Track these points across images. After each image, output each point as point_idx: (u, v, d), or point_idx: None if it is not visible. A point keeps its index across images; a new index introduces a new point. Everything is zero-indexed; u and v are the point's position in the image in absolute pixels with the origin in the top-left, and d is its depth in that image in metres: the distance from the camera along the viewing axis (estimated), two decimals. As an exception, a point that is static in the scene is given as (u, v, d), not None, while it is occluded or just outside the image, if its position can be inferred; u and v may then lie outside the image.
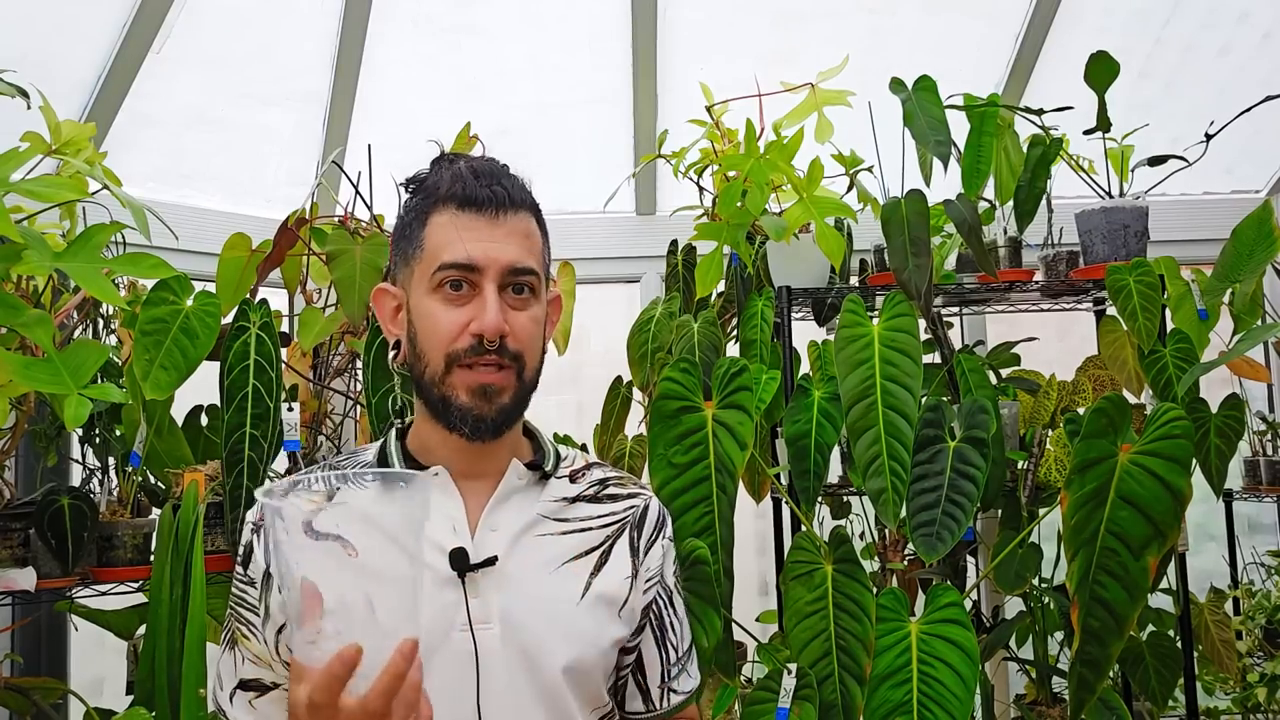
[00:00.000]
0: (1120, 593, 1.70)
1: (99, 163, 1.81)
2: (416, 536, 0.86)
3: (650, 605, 1.16)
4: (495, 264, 1.05)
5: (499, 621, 1.04)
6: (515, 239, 1.07)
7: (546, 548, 1.10)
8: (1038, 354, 2.58)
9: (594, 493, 1.17)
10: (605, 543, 1.14)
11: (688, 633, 1.22)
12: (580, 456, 1.21)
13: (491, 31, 3.03)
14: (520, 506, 1.11)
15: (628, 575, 1.13)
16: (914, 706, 1.73)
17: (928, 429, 1.92)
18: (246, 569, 1.07)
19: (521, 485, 1.12)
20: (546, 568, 1.09)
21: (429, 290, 1.06)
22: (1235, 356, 1.60)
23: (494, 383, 1.05)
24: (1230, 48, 3.16)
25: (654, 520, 1.19)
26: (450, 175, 1.08)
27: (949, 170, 2.08)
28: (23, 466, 2.27)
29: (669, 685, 1.19)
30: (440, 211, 1.07)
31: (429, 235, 1.07)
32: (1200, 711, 2.28)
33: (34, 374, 1.39)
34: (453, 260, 1.04)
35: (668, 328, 2.44)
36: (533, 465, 1.14)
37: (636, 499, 1.19)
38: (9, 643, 2.22)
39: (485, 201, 1.06)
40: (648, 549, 1.17)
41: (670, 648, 1.19)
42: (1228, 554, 2.78)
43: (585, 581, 1.10)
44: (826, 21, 3.11)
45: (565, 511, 1.13)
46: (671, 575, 1.20)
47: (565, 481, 1.16)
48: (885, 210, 2.09)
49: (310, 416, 2.16)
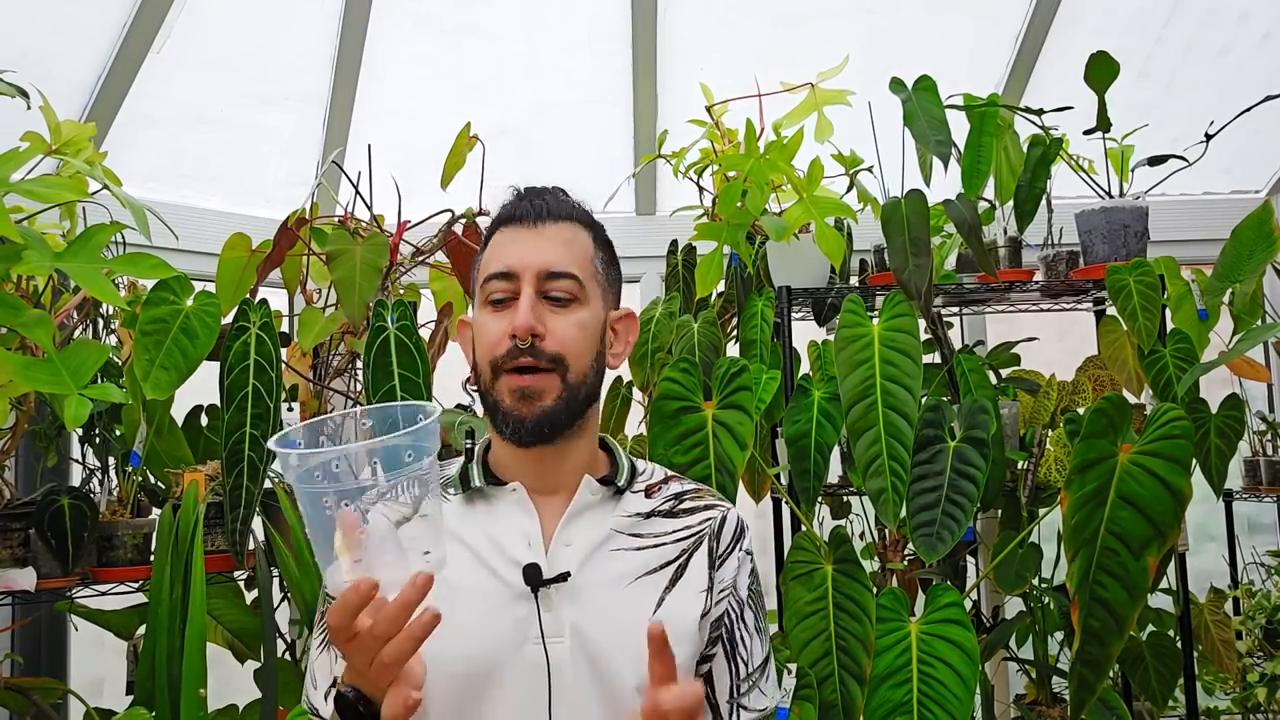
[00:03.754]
0: (1120, 593, 1.70)
1: (99, 163, 1.81)
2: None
3: (722, 617, 1.15)
4: (529, 268, 1.09)
5: (570, 635, 1.06)
6: (554, 245, 1.11)
7: (620, 563, 1.11)
8: (1038, 354, 2.58)
9: (669, 508, 1.17)
10: (680, 557, 1.14)
11: (761, 648, 1.19)
12: (658, 470, 1.22)
13: (492, 32, 3.03)
14: (594, 522, 1.12)
15: (703, 589, 1.13)
16: (914, 706, 1.73)
17: (928, 429, 1.92)
18: None
19: (595, 500, 1.13)
20: (620, 583, 1.10)
21: (481, 305, 1.12)
22: (1235, 356, 1.61)
23: (532, 385, 1.07)
24: (1230, 48, 3.16)
25: (731, 531, 1.18)
26: (506, 202, 1.16)
27: (949, 170, 2.08)
28: (23, 466, 2.27)
29: (739, 701, 1.16)
30: (497, 234, 1.14)
31: (484, 256, 1.14)
32: (1200, 711, 2.28)
33: (34, 374, 1.39)
34: (494, 270, 1.10)
35: (668, 328, 2.43)
36: (605, 480, 1.15)
37: (714, 511, 1.19)
38: (9, 643, 2.22)
39: (525, 214, 1.12)
40: (723, 560, 1.16)
41: (740, 662, 1.17)
42: (1228, 554, 2.78)
43: (658, 597, 1.10)
44: (826, 21, 3.11)
45: (640, 527, 1.14)
46: (746, 588, 1.19)
47: (640, 497, 1.17)
48: (885, 210, 2.09)
49: (310, 416, 2.16)
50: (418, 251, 2.22)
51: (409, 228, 2.16)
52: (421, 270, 2.30)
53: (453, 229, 2.17)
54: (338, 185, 2.56)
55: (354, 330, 2.08)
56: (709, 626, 1.14)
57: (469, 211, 2.16)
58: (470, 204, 2.17)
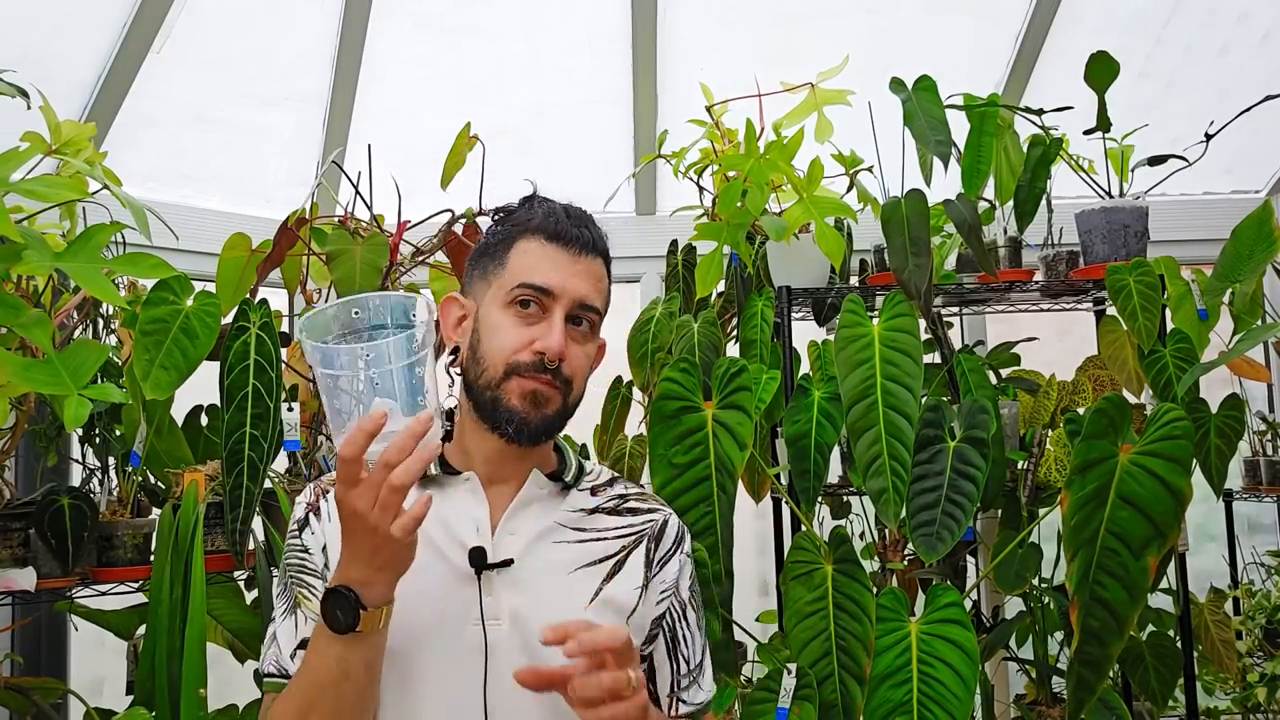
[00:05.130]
0: (1120, 593, 1.70)
1: (99, 163, 1.80)
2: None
3: (663, 616, 1.22)
4: (568, 295, 1.15)
5: (508, 619, 1.12)
6: (590, 279, 1.18)
7: (561, 553, 1.17)
8: (1038, 354, 2.58)
9: (613, 505, 1.24)
10: (620, 552, 1.20)
11: (700, 647, 1.26)
12: (605, 472, 1.29)
13: (492, 31, 3.03)
14: (540, 514, 1.18)
15: (638, 585, 1.19)
16: (914, 706, 1.73)
17: (928, 429, 1.92)
18: (302, 537, 1.18)
19: (543, 494, 1.20)
20: (559, 572, 1.16)
21: (502, 305, 1.16)
22: (1235, 356, 1.61)
23: (544, 391, 1.15)
24: (1230, 48, 3.16)
25: (673, 535, 1.25)
26: (544, 211, 1.20)
27: (949, 170, 2.08)
28: (23, 466, 2.27)
29: (678, 695, 1.23)
30: (530, 239, 1.18)
31: (514, 257, 1.17)
32: (1200, 711, 2.28)
33: (34, 374, 1.39)
34: (533, 282, 1.15)
35: (668, 328, 2.43)
36: (553, 476, 1.21)
37: (655, 514, 1.26)
38: (9, 643, 2.22)
39: (573, 240, 1.17)
40: (664, 562, 1.23)
41: (682, 659, 1.24)
42: (1228, 554, 2.78)
43: (595, 587, 1.17)
44: (826, 21, 3.11)
45: (583, 521, 1.21)
46: (687, 589, 1.25)
47: (586, 494, 1.23)
48: (885, 210, 2.09)
49: (310, 416, 2.16)
50: (418, 251, 2.22)
51: (409, 228, 2.16)
52: (421, 270, 2.30)
53: (453, 229, 2.17)
54: (338, 185, 2.56)
55: (354, 330, 2.08)
56: (648, 624, 1.21)
57: (469, 211, 2.16)
58: (470, 204, 2.17)
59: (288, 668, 1.13)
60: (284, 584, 1.18)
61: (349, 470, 0.97)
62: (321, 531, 1.17)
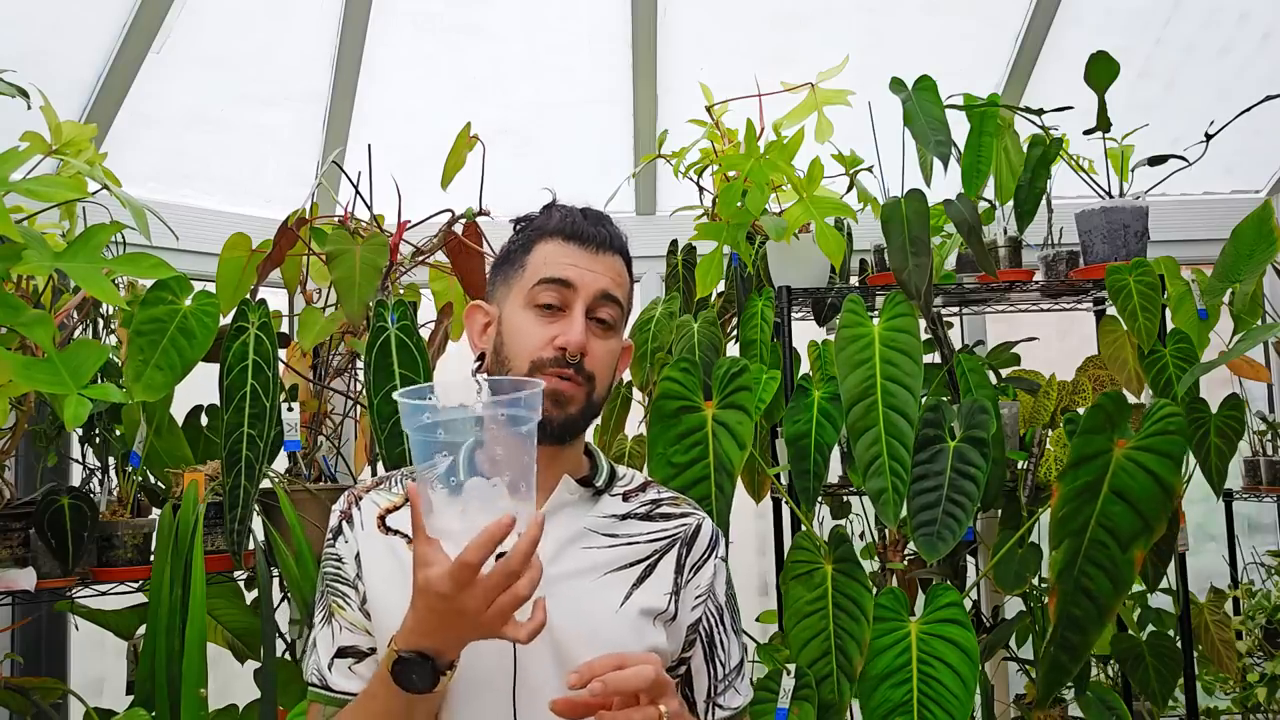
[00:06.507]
0: (1106, 583, 1.71)
1: (99, 163, 1.80)
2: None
3: (699, 621, 1.21)
4: (588, 288, 1.17)
5: None
6: (609, 273, 1.19)
7: (591, 558, 1.17)
8: (1038, 354, 2.58)
9: (645, 511, 1.23)
10: (651, 556, 1.20)
11: (737, 650, 1.26)
12: (638, 477, 1.28)
13: (492, 31, 3.03)
14: (570, 519, 1.18)
15: (669, 591, 1.19)
16: (914, 706, 1.73)
17: (928, 429, 1.92)
18: (335, 545, 1.19)
19: (573, 500, 1.19)
20: (589, 576, 1.16)
21: (524, 305, 1.17)
22: (1235, 356, 1.61)
23: (566, 391, 1.15)
24: (1230, 48, 3.16)
25: (706, 539, 1.24)
26: (561, 215, 1.21)
27: (949, 170, 2.08)
28: (23, 466, 2.27)
29: (715, 701, 1.23)
30: (548, 241, 1.19)
31: (532, 259, 1.19)
32: (1200, 711, 2.28)
33: (34, 374, 1.39)
34: (551, 275, 1.16)
35: (668, 328, 2.43)
36: (584, 481, 1.21)
37: (689, 519, 1.25)
38: (9, 643, 2.22)
39: (590, 237, 1.19)
40: (697, 567, 1.22)
41: (719, 664, 1.23)
42: (1228, 554, 2.78)
43: (625, 592, 1.16)
44: (826, 21, 3.11)
45: (614, 527, 1.20)
46: (723, 593, 1.25)
47: (618, 499, 1.23)
48: (885, 210, 2.09)
49: (310, 416, 2.16)
50: (418, 251, 2.21)
51: (409, 228, 2.16)
52: (421, 270, 2.30)
53: (453, 229, 2.17)
54: (338, 185, 2.56)
55: (354, 330, 2.08)
56: (684, 630, 1.19)
57: (469, 211, 2.16)
58: (470, 204, 2.17)
59: (327, 678, 1.15)
60: (320, 592, 1.19)
61: (467, 575, 0.95)
62: (354, 540, 1.17)
